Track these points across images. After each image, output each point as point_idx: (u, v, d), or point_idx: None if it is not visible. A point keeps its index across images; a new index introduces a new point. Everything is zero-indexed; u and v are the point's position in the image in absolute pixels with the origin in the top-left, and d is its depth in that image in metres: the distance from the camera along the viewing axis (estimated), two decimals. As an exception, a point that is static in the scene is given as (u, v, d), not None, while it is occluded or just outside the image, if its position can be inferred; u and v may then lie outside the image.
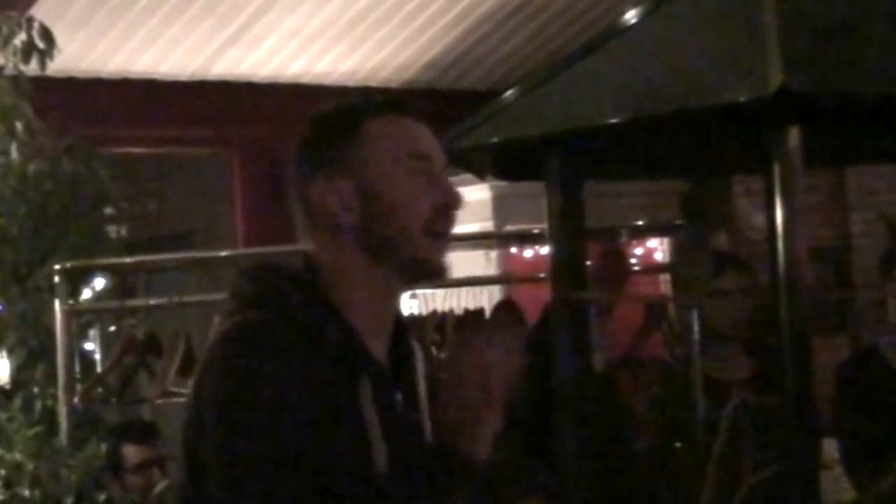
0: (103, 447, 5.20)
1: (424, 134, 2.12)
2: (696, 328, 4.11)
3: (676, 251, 5.32)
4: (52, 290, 5.39)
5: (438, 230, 2.07)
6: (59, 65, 6.12)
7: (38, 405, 5.52)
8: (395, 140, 2.08)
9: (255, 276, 2.10)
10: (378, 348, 2.07)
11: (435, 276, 2.10)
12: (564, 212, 3.46)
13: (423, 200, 2.06)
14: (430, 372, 2.19)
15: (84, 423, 5.46)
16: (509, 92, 3.48)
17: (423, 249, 2.06)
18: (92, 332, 5.80)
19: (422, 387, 2.14)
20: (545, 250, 3.76)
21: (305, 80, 8.55)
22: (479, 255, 7.69)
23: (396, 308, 2.13)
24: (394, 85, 8.84)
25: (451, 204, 2.08)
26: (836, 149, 3.90)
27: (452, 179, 2.14)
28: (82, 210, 5.80)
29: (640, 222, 5.88)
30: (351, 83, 8.68)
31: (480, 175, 4.16)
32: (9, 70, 5.84)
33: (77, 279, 5.52)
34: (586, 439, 3.46)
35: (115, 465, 5.14)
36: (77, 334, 5.49)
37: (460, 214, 2.12)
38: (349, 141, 2.08)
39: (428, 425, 2.11)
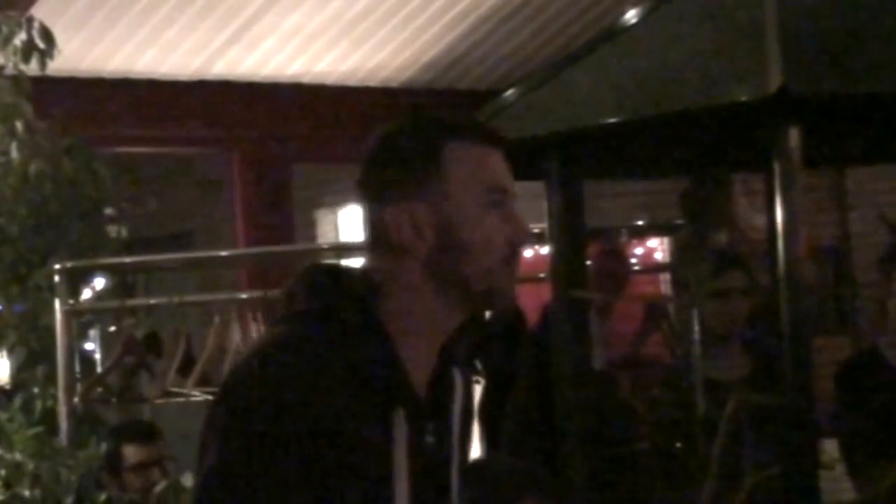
0: (103, 447, 5.20)
1: (501, 164, 2.06)
2: (696, 328, 4.10)
3: (676, 251, 5.32)
4: (52, 290, 5.39)
5: (511, 263, 2.02)
6: (59, 64, 6.12)
7: (38, 405, 5.52)
8: (475, 171, 2.02)
9: (313, 283, 2.04)
10: (420, 377, 2.02)
11: (504, 306, 2.07)
12: (564, 211, 3.46)
13: (500, 236, 2.01)
14: (467, 399, 2.12)
15: (84, 423, 5.46)
16: (509, 92, 3.48)
17: (497, 282, 2.01)
18: (92, 332, 5.81)
19: (456, 421, 2.08)
20: (545, 250, 3.75)
21: (305, 79, 8.54)
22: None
23: (446, 337, 2.06)
24: (394, 85, 8.84)
25: (524, 241, 2.04)
26: (836, 149, 3.90)
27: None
28: (82, 210, 5.80)
29: (640, 222, 5.88)
30: (351, 83, 8.67)
31: (480, 175, 4.15)
32: (9, 70, 5.84)
33: (77, 279, 5.52)
34: (586, 439, 3.46)
35: (114, 464, 5.14)
36: (77, 334, 5.49)
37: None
38: (427, 167, 2.00)
39: (456, 460, 2.07)
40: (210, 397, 3.88)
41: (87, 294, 5.65)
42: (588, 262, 3.79)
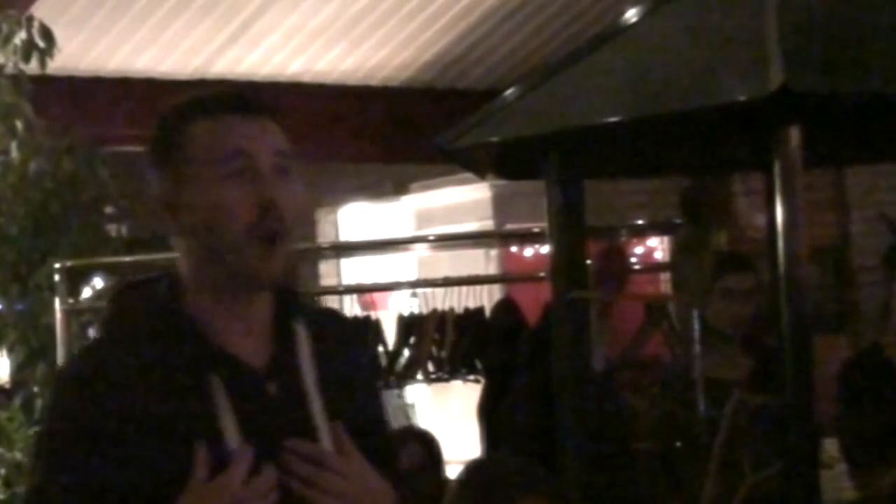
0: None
1: (247, 130, 2.02)
2: (696, 328, 4.10)
3: (676, 250, 5.32)
4: (52, 289, 5.39)
5: (265, 233, 1.98)
6: (59, 64, 6.12)
7: (38, 404, 5.52)
8: (212, 142, 2.01)
9: (113, 297, 2.15)
10: (249, 346, 2.02)
11: (263, 285, 2.02)
12: (564, 210, 3.46)
13: (243, 204, 1.98)
14: (324, 344, 2.08)
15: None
16: (509, 91, 3.47)
17: (250, 257, 1.98)
18: (92, 332, 5.81)
19: (307, 371, 2.04)
20: (545, 249, 3.75)
21: (305, 78, 8.54)
22: (479, 254, 7.69)
23: (264, 303, 2.05)
24: (394, 84, 8.84)
25: (269, 204, 1.98)
26: (836, 149, 3.90)
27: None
28: (82, 209, 5.80)
29: (641, 221, 5.88)
30: (351, 82, 8.67)
31: (481, 174, 4.16)
32: (9, 69, 5.84)
33: (77, 278, 5.52)
34: (586, 439, 3.46)
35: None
36: (77, 333, 5.49)
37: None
38: (174, 146, 2.04)
39: (317, 405, 2.02)
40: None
41: (87, 293, 5.65)
42: (588, 261, 3.78)
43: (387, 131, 8.77)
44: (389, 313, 6.08)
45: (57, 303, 5.29)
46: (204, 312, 2.01)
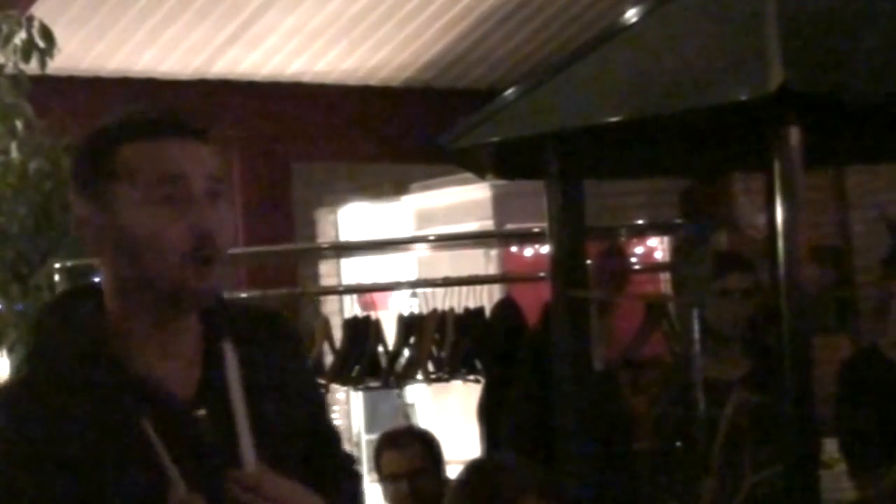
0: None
1: (180, 154, 1.97)
2: (696, 328, 4.10)
3: (677, 250, 5.32)
4: (52, 289, 5.39)
5: (201, 257, 1.95)
6: (59, 64, 6.12)
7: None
8: (144, 165, 1.96)
9: (41, 320, 2.07)
10: (176, 371, 1.99)
11: (194, 307, 1.99)
12: (564, 210, 3.46)
13: (178, 229, 1.94)
14: (256, 358, 2.04)
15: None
16: (509, 91, 3.47)
17: (183, 279, 1.95)
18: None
19: (236, 395, 1.98)
20: (545, 249, 3.75)
21: (305, 79, 8.55)
22: (479, 254, 7.69)
23: (191, 324, 2.02)
24: (394, 84, 8.84)
25: (204, 231, 1.95)
26: (836, 149, 3.90)
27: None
28: (82, 209, 5.80)
29: (641, 221, 5.88)
30: (351, 82, 8.67)
31: (480, 174, 4.16)
32: (9, 69, 5.84)
33: (77, 278, 5.52)
34: (586, 439, 3.46)
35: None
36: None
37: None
38: (101, 171, 1.97)
39: (245, 432, 1.97)
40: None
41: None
42: (588, 261, 3.78)
43: (387, 131, 8.78)
44: (389, 313, 6.08)
45: (57, 303, 5.29)
46: (129, 338, 1.98)
